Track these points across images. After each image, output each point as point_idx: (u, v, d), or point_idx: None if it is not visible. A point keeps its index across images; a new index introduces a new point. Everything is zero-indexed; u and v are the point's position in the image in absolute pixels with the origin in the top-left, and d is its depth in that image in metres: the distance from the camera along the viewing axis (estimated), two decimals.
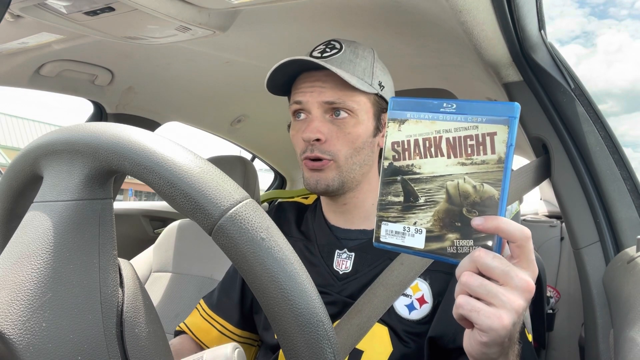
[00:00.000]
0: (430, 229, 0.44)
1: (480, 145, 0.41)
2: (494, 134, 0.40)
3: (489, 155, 0.41)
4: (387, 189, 0.45)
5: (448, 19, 0.85)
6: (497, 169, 0.41)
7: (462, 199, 0.42)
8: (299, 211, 0.88)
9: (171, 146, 0.35)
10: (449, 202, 0.43)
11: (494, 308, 0.40)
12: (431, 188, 0.43)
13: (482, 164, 0.41)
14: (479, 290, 0.41)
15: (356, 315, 0.68)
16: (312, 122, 0.73)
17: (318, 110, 0.73)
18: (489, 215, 0.41)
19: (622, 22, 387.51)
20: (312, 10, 0.97)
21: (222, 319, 0.84)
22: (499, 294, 0.40)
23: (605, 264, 0.83)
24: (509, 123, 0.40)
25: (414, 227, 0.44)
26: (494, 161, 0.41)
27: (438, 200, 0.43)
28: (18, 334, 0.29)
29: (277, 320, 0.33)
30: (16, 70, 1.22)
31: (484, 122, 0.40)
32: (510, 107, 0.40)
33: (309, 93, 0.74)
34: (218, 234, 0.33)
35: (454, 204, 0.42)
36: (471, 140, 0.41)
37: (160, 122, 1.74)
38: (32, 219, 0.34)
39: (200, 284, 1.34)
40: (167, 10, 0.86)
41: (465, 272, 0.41)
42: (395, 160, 0.44)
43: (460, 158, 0.42)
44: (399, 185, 0.44)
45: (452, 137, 0.41)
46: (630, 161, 0.87)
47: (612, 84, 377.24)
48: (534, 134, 0.94)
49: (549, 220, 2.49)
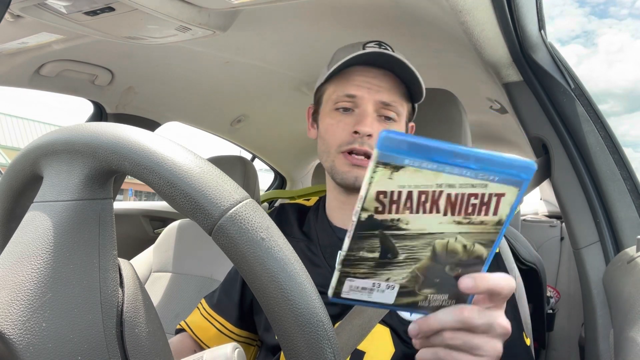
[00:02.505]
0: (404, 284, 0.39)
1: (484, 206, 0.35)
2: (502, 195, 0.34)
3: (490, 216, 0.35)
4: (359, 244, 0.36)
5: (448, 19, 0.85)
6: (494, 230, 0.36)
7: (447, 257, 0.38)
8: (300, 213, 0.88)
9: (171, 146, 0.35)
10: (433, 260, 0.38)
11: (477, 357, 0.40)
12: (416, 245, 0.37)
13: (480, 225, 0.36)
14: (463, 347, 0.40)
15: (357, 316, 0.68)
16: (367, 117, 0.73)
17: (372, 107, 0.74)
18: (472, 272, 0.39)
19: (622, 22, 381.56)
20: (312, 10, 0.97)
21: (221, 317, 0.84)
22: (483, 346, 0.40)
23: (605, 264, 0.83)
24: (522, 185, 0.34)
25: (386, 284, 0.39)
26: (493, 222, 0.36)
27: (421, 257, 0.38)
28: (18, 334, 0.29)
29: (277, 321, 0.33)
30: (16, 70, 1.22)
31: (495, 182, 0.34)
32: (527, 167, 0.33)
33: (365, 89, 0.74)
34: (218, 234, 0.33)
35: (438, 262, 0.38)
36: (475, 199, 0.34)
37: (160, 122, 1.74)
38: (32, 219, 0.34)
39: (200, 284, 1.34)
40: (167, 10, 0.86)
41: (448, 332, 0.40)
42: (377, 212, 0.35)
43: (457, 216, 0.35)
44: (376, 241, 0.36)
45: (455, 193, 0.34)
46: (630, 161, 0.87)
47: (613, 84, 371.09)
48: (534, 134, 0.94)
49: (549, 220, 2.49)
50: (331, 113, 0.77)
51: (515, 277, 0.83)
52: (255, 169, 1.58)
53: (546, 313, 1.66)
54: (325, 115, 0.78)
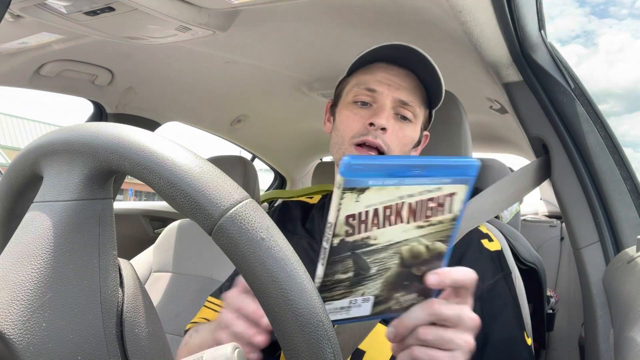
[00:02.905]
0: (378, 294, 0.41)
1: (440, 207, 0.38)
2: (454, 194, 0.38)
3: (446, 214, 0.39)
4: (333, 269, 0.38)
5: (448, 19, 0.85)
6: (450, 226, 0.39)
7: (413, 260, 0.40)
8: (304, 210, 0.88)
9: (171, 146, 0.35)
10: (401, 265, 0.40)
11: (450, 352, 0.43)
12: (385, 256, 0.39)
13: (438, 224, 0.39)
14: (436, 342, 0.43)
15: None
16: (384, 111, 0.74)
17: (390, 103, 0.75)
18: (435, 268, 0.42)
19: (622, 22, 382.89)
20: (312, 10, 0.97)
21: None
22: (454, 339, 0.43)
23: (605, 264, 0.82)
24: (469, 182, 0.37)
25: (362, 298, 0.41)
26: (448, 220, 0.39)
27: (390, 266, 0.40)
28: (18, 334, 0.29)
29: (277, 320, 0.33)
30: (16, 70, 1.22)
31: (447, 184, 0.37)
32: (472, 165, 0.37)
33: (386, 85, 0.75)
34: (218, 234, 0.33)
35: (406, 267, 0.40)
36: (432, 202, 0.37)
37: (160, 122, 1.74)
38: (32, 219, 0.34)
39: (200, 284, 1.34)
40: (167, 10, 0.86)
41: (421, 328, 0.43)
42: (348, 235, 0.37)
43: (418, 222, 0.38)
44: (349, 262, 0.38)
45: (415, 201, 0.37)
46: (630, 161, 0.87)
47: (614, 84, 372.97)
48: (534, 134, 0.94)
49: (549, 220, 2.49)
50: (349, 106, 0.78)
51: (515, 277, 0.83)
52: (255, 169, 1.58)
53: (546, 313, 1.65)
54: (343, 107, 0.79)
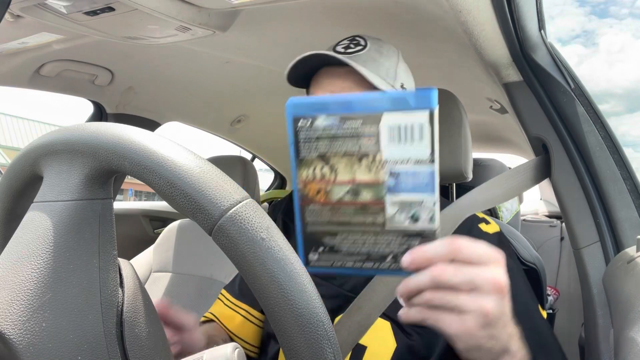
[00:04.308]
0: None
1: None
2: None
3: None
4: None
5: (448, 19, 0.85)
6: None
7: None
8: None
9: (171, 146, 0.35)
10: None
11: (459, 316, 0.39)
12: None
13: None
14: (443, 306, 0.39)
15: (357, 312, 0.68)
16: None
17: None
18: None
19: (622, 21, 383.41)
20: (312, 10, 0.97)
21: (245, 304, 0.84)
22: (465, 303, 0.38)
23: (605, 264, 0.82)
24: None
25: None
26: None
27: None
28: (18, 334, 0.29)
29: (277, 320, 0.33)
30: (16, 70, 1.22)
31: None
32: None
33: (328, 92, 0.73)
34: (218, 234, 0.33)
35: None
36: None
37: (160, 122, 1.74)
38: (32, 219, 0.34)
39: (200, 284, 1.34)
40: (167, 10, 0.86)
41: (427, 292, 0.40)
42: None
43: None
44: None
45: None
46: (630, 161, 0.87)
47: (614, 84, 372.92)
48: (534, 134, 0.94)
49: (549, 220, 2.49)
50: None
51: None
52: (255, 169, 1.58)
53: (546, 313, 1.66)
54: None
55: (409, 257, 0.39)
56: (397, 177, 0.38)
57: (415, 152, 0.37)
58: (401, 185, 0.38)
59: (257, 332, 0.84)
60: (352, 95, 0.38)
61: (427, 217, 0.38)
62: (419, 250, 0.39)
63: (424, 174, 0.38)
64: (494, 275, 0.39)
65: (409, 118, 0.37)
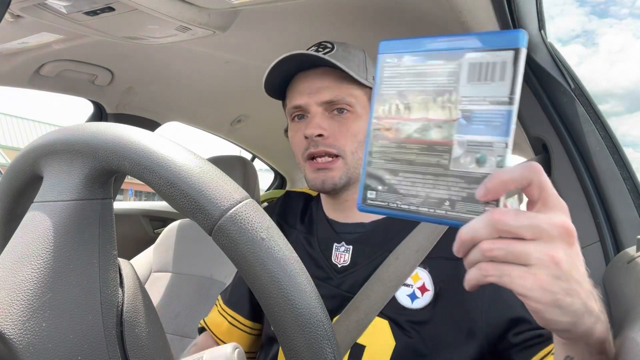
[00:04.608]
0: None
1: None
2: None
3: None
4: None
5: (448, 19, 0.85)
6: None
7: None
8: (305, 202, 0.88)
9: (171, 146, 0.35)
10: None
11: (526, 267, 0.34)
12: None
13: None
14: (506, 257, 0.34)
15: (354, 311, 0.68)
16: (313, 119, 0.73)
17: (318, 108, 0.74)
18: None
19: (622, 21, 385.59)
20: (312, 10, 0.97)
21: (233, 311, 0.85)
22: (530, 252, 0.33)
23: (605, 264, 0.83)
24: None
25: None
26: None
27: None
28: (18, 334, 0.29)
29: (277, 320, 0.33)
30: (16, 70, 1.22)
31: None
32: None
33: (307, 94, 0.74)
34: (218, 234, 0.33)
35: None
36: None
37: (160, 122, 1.74)
38: (32, 219, 0.34)
39: (200, 284, 1.34)
40: (167, 10, 0.86)
41: (485, 242, 0.34)
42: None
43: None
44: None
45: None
46: (630, 161, 0.87)
47: (615, 84, 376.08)
48: (534, 134, 0.94)
49: None
50: (291, 124, 0.79)
51: None
52: (255, 169, 1.58)
53: None
54: (289, 128, 0.80)
55: (483, 186, 0.34)
56: (470, 116, 0.36)
57: (494, 92, 0.35)
58: (473, 125, 0.36)
59: (244, 338, 0.85)
60: (439, 36, 0.38)
61: (495, 161, 0.35)
62: (495, 176, 0.34)
63: (499, 116, 0.35)
64: (563, 220, 0.34)
65: (493, 57, 0.35)
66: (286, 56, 0.72)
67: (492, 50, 0.36)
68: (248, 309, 0.85)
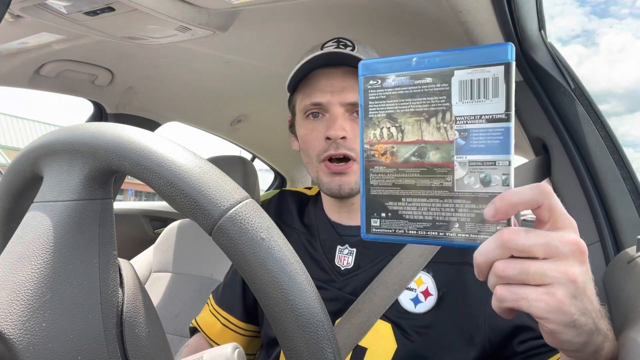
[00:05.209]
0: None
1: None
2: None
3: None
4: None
5: (448, 19, 0.85)
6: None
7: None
8: (301, 202, 0.87)
9: (171, 146, 0.35)
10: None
11: (545, 288, 0.33)
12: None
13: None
14: (521, 278, 0.33)
15: (356, 314, 0.68)
16: (337, 120, 0.71)
17: (340, 109, 0.72)
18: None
19: (622, 21, 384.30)
20: (312, 10, 0.97)
21: (225, 312, 0.85)
22: (546, 271, 0.32)
23: (605, 264, 0.82)
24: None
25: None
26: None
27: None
28: (18, 334, 0.29)
29: (277, 321, 0.33)
30: (16, 70, 1.22)
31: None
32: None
33: (329, 93, 0.72)
34: (218, 234, 0.33)
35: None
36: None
37: (160, 122, 1.74)
38: (32, 219, 0.34)
39: (200, 284, 1.34)
40: (167, 10, 0.86)
41: (498, 262, 0.34)
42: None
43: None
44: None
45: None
46: (630, 161, 0.87)
47: (615, 84, 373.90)
48: (534, 134, 0.94)
49: None
50: (304, 122, 0.76)
51: None
52: (255, 169, 1.57)
53: None
54: (299, 125, 0.77)
55: (492, 206, 0.34)
56: (468, 136, 0.35)
57: (489, 109, 0.35)
58: (472, 145, 0.35)
59: (238, 340, 0.84)
60: (423, 54, 0.37)
61: (500, 179, 0.35)
62: (504, 197, 0.34)
63: (498, 132, 0.34)
64: (574, 237, 0.34)
65: (483, 73, 0.34)
66: (321, 53, 0.70)
67: (482, 66, 0.35)
68: (241, 310, 0.84)
